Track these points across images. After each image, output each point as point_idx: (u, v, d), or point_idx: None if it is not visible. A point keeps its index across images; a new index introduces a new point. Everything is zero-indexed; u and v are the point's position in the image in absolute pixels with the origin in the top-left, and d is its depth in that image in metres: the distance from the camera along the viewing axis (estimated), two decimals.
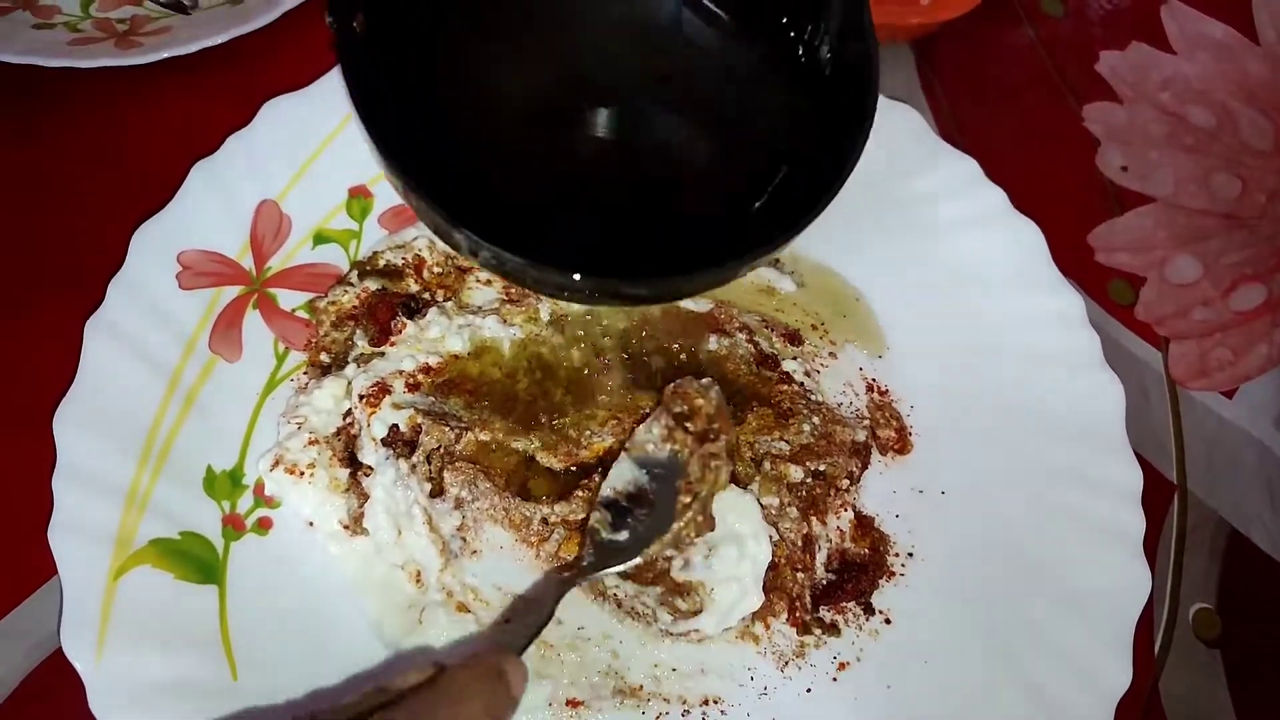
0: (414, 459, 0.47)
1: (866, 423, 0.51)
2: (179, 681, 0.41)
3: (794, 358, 0.52)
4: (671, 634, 0.46)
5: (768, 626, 0.46)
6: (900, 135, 0.56)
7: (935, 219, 0.55)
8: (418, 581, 0.46)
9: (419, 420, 0.47)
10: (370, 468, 0.46)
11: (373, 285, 0.51)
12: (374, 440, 0.47)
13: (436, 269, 0.53)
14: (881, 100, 0.56)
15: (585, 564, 0.45)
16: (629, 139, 0.48)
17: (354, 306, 0.50)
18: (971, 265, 0.54)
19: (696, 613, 0.45)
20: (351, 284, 0.51)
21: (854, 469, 0.50)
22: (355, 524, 0.46)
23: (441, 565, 0.46)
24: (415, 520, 0.46)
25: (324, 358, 0.50)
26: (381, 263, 0.52)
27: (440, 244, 0.52)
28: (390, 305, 0.50)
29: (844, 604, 0.47)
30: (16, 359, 0.49)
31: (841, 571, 0.48)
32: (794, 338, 0.53)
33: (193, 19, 0.58)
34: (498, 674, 0.37)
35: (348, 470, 0.47)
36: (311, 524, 0.47)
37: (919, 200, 0.55)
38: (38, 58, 0.53)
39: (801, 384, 0.52)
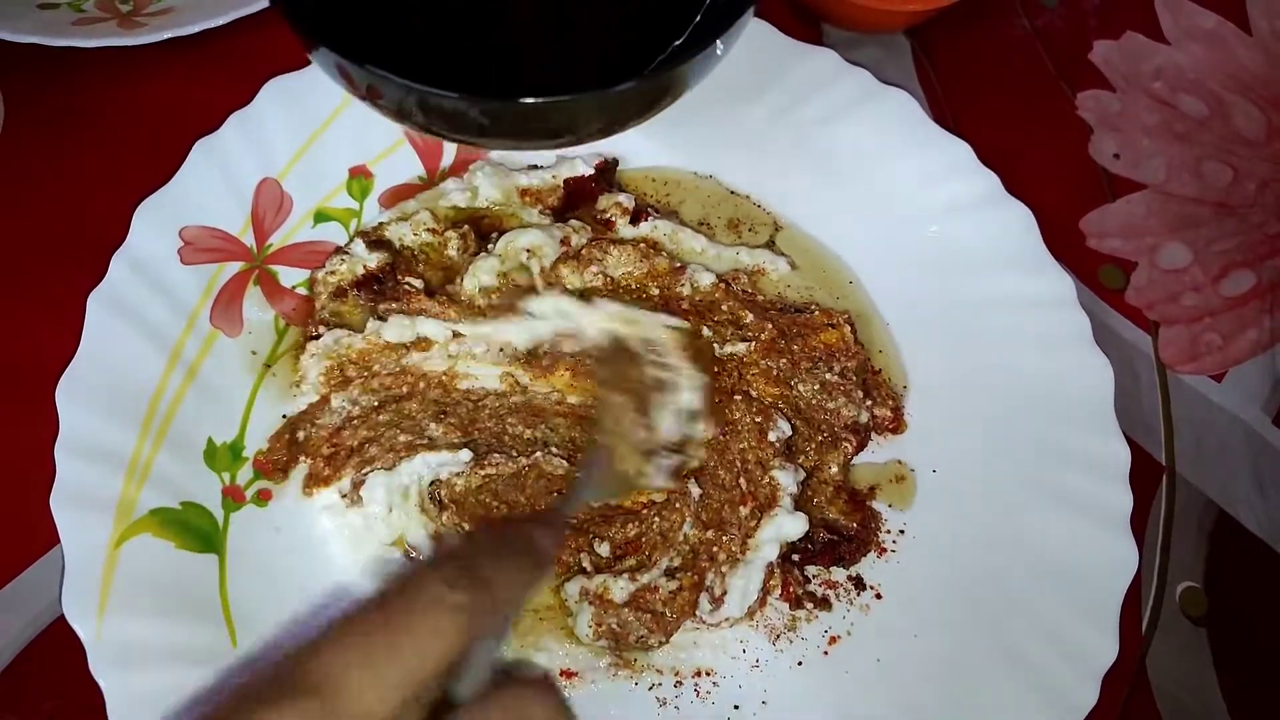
0: None
1: (869, 404, 0.51)
2: (179, 647, 0.42)
3: None
4: (708, 623, 0.46)
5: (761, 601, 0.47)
6: (893, 119, 0.56)
7: (928, 202, 0.55)
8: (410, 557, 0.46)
9: None
10: None
11: (377, 255, 0.51)
12: None
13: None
14: (876, 84, 0.57)
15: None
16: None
17: (355, 277, 0.50)
18: (964, 248, 0.54)
19: (724, 596, 0.46)
20: (349, 254, 0.51)
21: (849, 448, 0.50)
22: (353, 492, 0.46)
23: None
24: (410, 500, 0.47)
25: (321, 331, 0.50)
26: (386, 234, 0.52)
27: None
28: (395, 276, 0.51)
29: (831, 578, 0.48)
30: (20, 331, 0.50)
31: (825, 541, 0.48)
32: None
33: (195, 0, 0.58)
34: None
35: None
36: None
37: (912, 183, 0.55)
38: (42, 37, 0.53)
39: None
